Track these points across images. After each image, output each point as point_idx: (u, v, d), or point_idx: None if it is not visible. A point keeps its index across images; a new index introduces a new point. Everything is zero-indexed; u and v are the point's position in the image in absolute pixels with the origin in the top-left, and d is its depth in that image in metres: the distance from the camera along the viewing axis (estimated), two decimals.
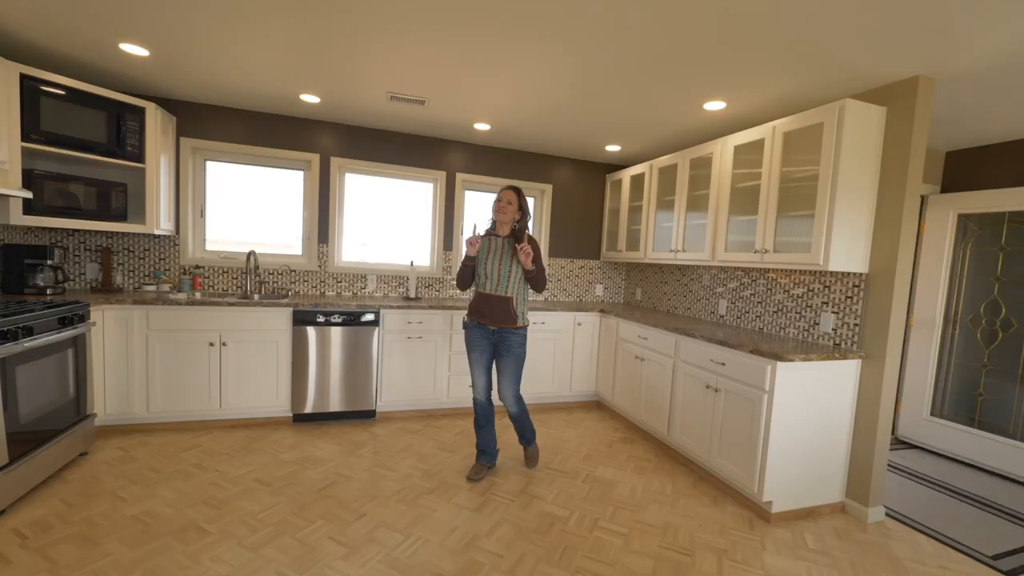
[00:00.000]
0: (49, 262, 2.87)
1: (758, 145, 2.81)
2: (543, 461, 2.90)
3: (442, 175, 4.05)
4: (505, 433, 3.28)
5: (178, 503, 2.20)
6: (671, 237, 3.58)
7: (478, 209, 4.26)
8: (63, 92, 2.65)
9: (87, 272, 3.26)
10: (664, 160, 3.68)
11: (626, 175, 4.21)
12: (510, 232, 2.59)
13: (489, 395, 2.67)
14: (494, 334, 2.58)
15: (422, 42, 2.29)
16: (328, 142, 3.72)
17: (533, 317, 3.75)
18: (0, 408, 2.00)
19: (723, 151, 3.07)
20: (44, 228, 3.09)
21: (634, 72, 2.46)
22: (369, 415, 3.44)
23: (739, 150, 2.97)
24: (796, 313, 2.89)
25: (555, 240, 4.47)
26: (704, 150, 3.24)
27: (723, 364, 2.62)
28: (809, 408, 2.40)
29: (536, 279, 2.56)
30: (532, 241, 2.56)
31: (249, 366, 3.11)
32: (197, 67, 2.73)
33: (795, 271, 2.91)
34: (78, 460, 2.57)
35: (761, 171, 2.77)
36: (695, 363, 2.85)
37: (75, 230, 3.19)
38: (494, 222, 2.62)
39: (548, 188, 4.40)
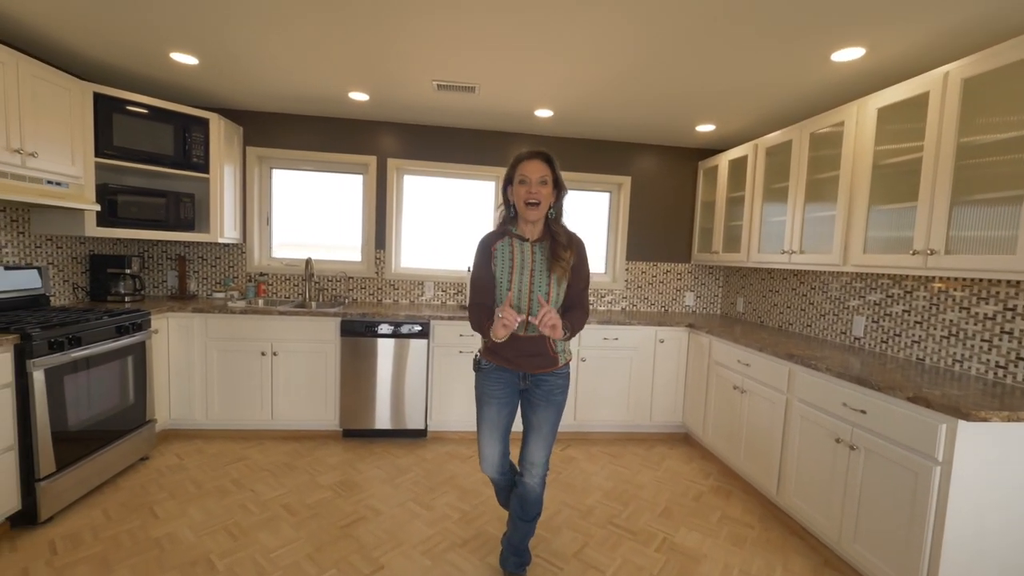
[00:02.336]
0: (128, 271, 3.02)
1: (918, 104, 1.99)
2: (607, 515, 2.36)
3: (504, 172, 3.67)
4: (567, 469, 2.79)
5: (202, 527, 2.08)
6: (783, 234, 2.80)
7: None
8: (134, 108, 2.75)
9: (168, 280, 3.44)
10: (773, 138, 2.91)
11: (723, 160, 3.46)
12: (544, 230, 1.66)
13: (505, 467, 1.82)
14: (524, 379, 1.71)
15: (464, 20, 1.95)
16: (384, 143, 3.56)
17: (603, 331, 3.20)
18: (46, 418, 2.03)
19: (860, 118, 2.27)
20: (132, 239, 3.31)
21: (732, 19, 1.84)
22: (420, 434, 3.17)
23: (886, 114, 2.16)
24: (983, 341, 2.00)
25: (635, 241, 3.86)
26: (830, 119, 2.45)
27: (863, 412, 1.87)
28: (1012, 491, 1.57)
29: (579, 312, 1.64)
30: (576, 241, 1.68)
31: (298, 377, 3.01)
32: (243, 72, 2.66)
33: (983, 280, 2.02)
34: (138, 465, 2.62)
35: (923, 142, 1.96)
36: (819, 405, 2.11)
37: (158, 240, 3.38)
38: (512, 214, 1.68)
39: (626, 181, 3.80)
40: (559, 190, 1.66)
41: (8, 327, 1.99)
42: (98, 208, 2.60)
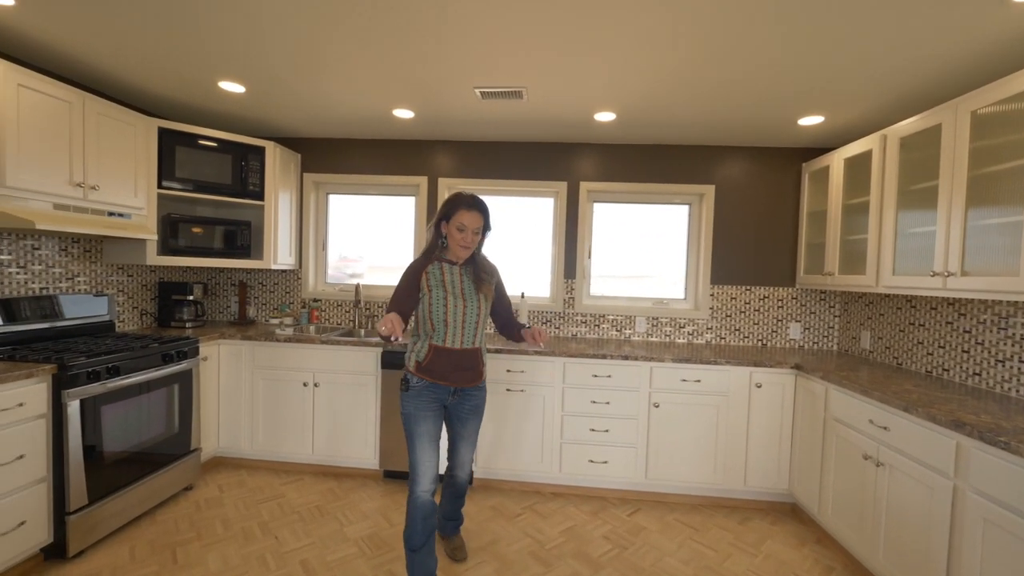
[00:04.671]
0: (190, 297, 3.10)
1: None
2: None
3: (563, 186, 3.31)
4: (634, 543, 2.26)
5: None
6: (932, 251, 2.08)
7: (607, 224, 3.37)
8: (196, 140, 2.83)
9: (231, 305, 3.51)
10: (910, 125, 2.22)
11: (835, 159, 2.78)
12: (469, 257, 1.98)
13: (436, 488, 1.88)
14: (453, 394, 1.94)
15: (501, 14, 1.65)
16: (435, 162, 3.38)
17: (680, 371, 2.65)
18: (80, 450, 2.00)
19: None
20: (199, 267, 3.43)
21: None
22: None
23: None
24: None
25: (722, 261, 3.24)
26: (1005, 90, 1.76)
27: None
28: None
29: (517, 323, 2.11)
30: (494, 267, 2.07)
31: (339, 411, 2.83)
32: (289, 96, 2.61)
33: None
34: (180, 495, 2.58)
35: None
36: (1016, 507, 1.41)
37: (222, 268, 3.47)
38: (443, 243, 1.92)
39: (708, 191, 3.23)
40: (486, 231, 1.95)
41: (49, 357, 2.00)
42: (155, 237, 2.66)
